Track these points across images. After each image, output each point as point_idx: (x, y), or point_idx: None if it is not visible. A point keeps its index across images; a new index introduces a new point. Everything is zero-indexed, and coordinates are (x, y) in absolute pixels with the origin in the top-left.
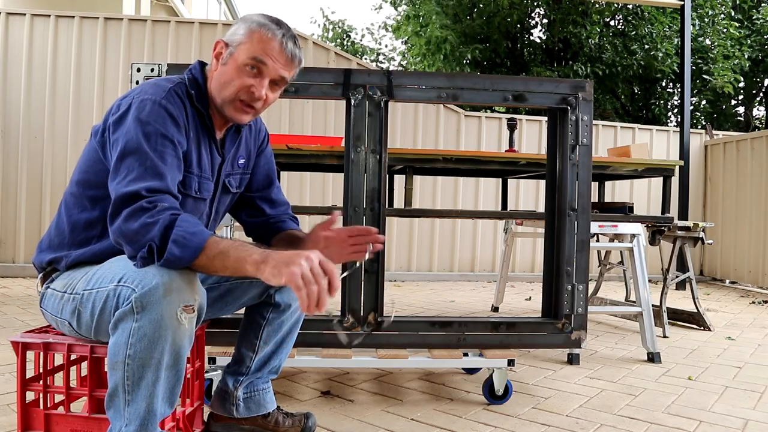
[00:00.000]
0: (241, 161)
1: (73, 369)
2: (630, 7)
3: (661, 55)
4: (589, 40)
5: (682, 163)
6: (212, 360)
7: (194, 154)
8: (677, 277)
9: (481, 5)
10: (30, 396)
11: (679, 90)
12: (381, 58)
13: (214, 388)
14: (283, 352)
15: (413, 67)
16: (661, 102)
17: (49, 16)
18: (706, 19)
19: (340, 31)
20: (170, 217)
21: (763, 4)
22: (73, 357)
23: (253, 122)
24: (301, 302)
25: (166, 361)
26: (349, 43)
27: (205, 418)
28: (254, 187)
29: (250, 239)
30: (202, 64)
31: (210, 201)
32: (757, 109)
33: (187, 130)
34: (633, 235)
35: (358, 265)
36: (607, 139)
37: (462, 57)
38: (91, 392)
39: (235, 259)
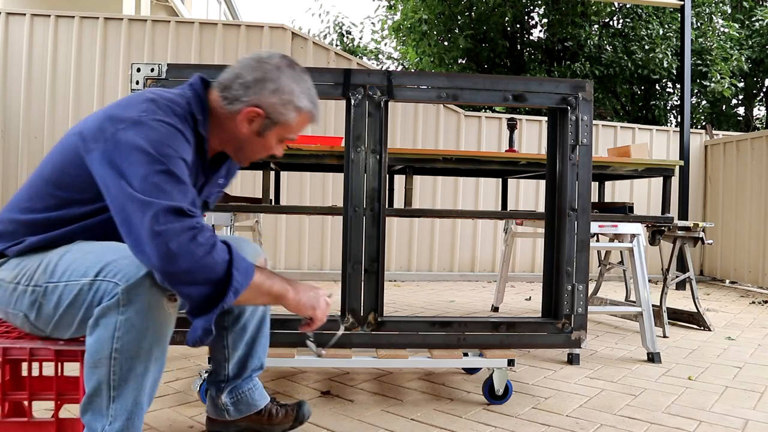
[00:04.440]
0: (221, 180)
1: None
2: (629, 7)
3: (660, 56)
4: (588, 41)
5: (682, 163)
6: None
7: (192, 176)
8: (677, 277)
9: (478, 4)
10: None
11: (679, 90)
12: (382, 57)
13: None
14: (259, 350)
15: (409, 62)
16: (661, 102)
17: (49, 16)
18: (703, 15)
19: (336, 24)
20: (221, 243)
21: (765, 4)
22: None
23: None
24: (316, 324)
25: (154, 352)
26: (349, 41)
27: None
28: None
29: None
30: (204, 84)
31: None
32: (758, 110)
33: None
34: (633, 235)
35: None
36: (607, 139)
37: (452, 37)
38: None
39: (279, 290)
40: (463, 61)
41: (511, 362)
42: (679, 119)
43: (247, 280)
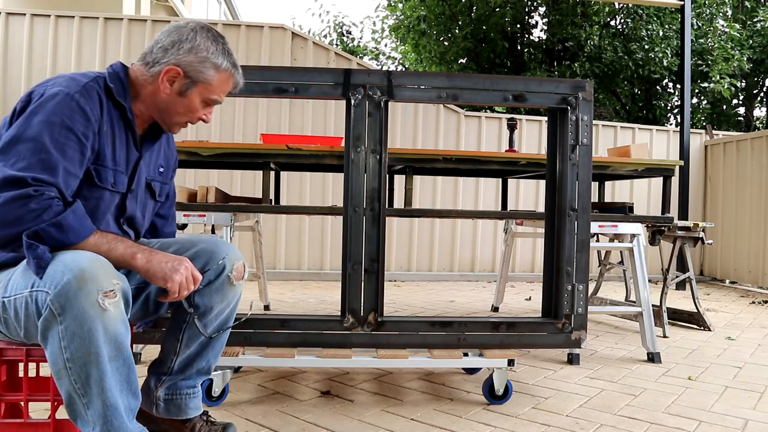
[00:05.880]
0: (161, 169)
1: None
2: (630, 7)
3: (660, 55)
4: (589, 41)
5: (682, 163)
6: None
7: (108, 148)
8: (677, 277)
9: (479, 5)
10: None
11: (679, 90)
12: (382, 57)
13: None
14: (211, 353)
15: (409, 63)
16: (662, 102)
17: (49, 16)
18: (705, 16)
19: (336, 24)
20: (57, 204)
21: (767, 4)
22: None
23: (170, 138)
24: (171, 296)
25: (106, 353)
26: (349, 40)
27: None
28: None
29: None
30: (125, 66)
31: (124, 197)
32: (759, 110)
33: (101, 125)
34: (633, 235)
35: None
36: (607, 139)
37: (452, 37)
38: None
39: (121, 254)
40: (463, 61)
41: (511, 362)
42: (679, 119)
43: (73, 236)
